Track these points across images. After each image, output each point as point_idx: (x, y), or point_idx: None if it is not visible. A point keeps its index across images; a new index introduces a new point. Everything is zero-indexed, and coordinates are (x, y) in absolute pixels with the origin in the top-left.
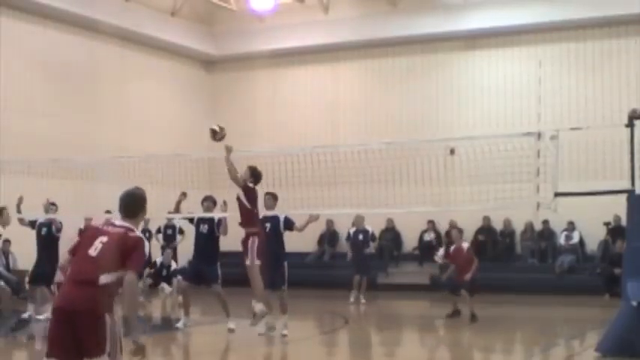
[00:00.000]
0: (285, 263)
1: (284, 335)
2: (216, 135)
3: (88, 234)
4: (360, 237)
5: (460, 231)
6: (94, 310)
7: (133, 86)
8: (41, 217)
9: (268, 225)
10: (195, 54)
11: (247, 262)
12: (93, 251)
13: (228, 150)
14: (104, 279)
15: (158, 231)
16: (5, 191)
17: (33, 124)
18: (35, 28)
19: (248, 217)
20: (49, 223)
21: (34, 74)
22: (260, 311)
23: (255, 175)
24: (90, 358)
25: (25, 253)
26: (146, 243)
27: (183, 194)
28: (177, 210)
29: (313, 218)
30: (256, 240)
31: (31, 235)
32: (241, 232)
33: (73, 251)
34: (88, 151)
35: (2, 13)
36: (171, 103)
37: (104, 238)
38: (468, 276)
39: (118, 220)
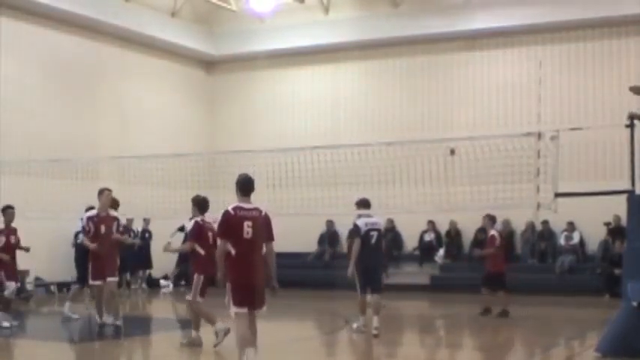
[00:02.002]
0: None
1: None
2: None
3: (234, 220)
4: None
5: (491, 218)
6: (264, 278)
7: (132, 86)
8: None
9: (375, 234)
10: (195, 54)
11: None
12: (247, 235)
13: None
14: (262, 252)
15: None
16: (5, 191)
17: (33, 124)
18: (35, 28)
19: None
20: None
21: (34, 74)
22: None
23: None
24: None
25: (26, 254)
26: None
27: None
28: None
29: None
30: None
31: (32, 235)
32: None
33: (223, 236)
34: (88, 152)
35: (2, 14)
36: (172, 104)
37: (250, 222)
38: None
39: (244, 203)
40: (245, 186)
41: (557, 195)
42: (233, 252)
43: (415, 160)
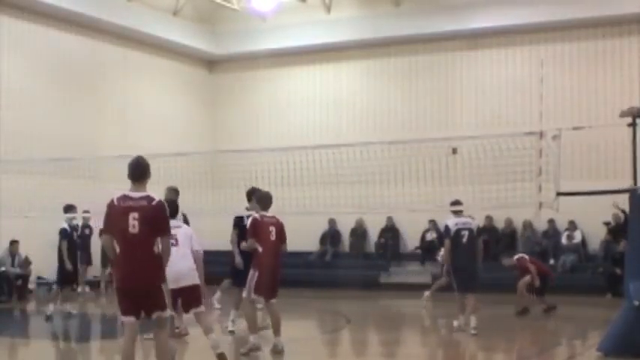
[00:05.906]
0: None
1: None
2: None
3: (117, 212)
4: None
5: None
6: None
7: (135, 86)
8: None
9: (465, 233)
10: (197, 53)
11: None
12: (132, 229)
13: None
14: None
15: None
16: (6, 191)
17: (35, 123)
18: (37, 27)
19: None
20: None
21: (36, 74)
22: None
23: (260, 200)
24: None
25: (26, 253)
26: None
27: None
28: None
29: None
30: (255, 274)
31: (33, 235)
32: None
33: (106, 231)
34: (90, 151)
35: (3, 13)
36: (174, 103)
37: (136, 214)
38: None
39: (132, 192)
40: (134, 170)
41: (559, 194)
42: (117, 249)
43: (417, 159)
